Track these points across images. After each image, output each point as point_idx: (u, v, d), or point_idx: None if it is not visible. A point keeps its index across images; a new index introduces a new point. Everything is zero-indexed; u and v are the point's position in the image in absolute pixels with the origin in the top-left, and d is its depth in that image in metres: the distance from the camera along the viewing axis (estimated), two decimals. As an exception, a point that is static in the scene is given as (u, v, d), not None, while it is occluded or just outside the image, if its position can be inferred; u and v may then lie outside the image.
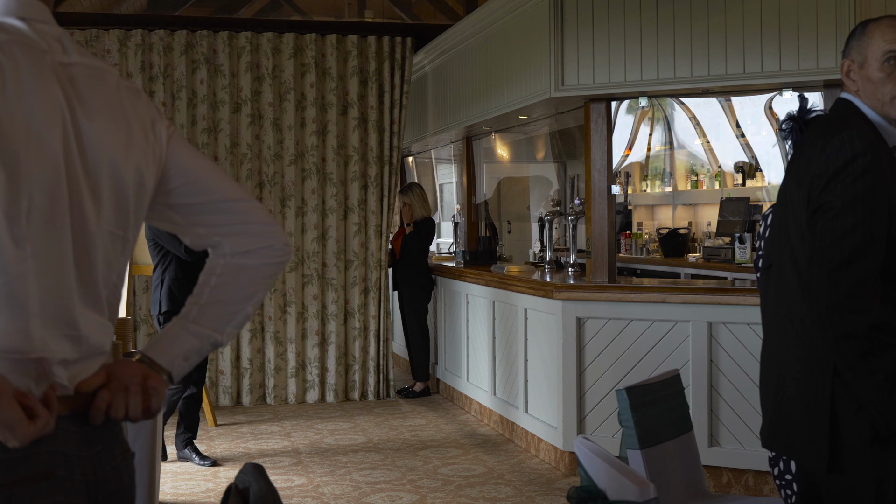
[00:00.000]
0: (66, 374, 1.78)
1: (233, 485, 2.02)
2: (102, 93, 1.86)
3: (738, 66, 6.12)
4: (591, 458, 2.70)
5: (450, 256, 10.57)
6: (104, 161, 1.82)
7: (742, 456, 6.10)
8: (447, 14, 14.38)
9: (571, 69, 6.55)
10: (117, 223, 1.88)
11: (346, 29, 9.75)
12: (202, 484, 6.52)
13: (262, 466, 2.02)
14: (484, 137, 9.74)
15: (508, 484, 6.42)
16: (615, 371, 6.47)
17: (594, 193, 6.74)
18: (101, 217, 1.83)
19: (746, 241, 8.69)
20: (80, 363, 1.81)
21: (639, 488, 2.39)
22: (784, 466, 4.09)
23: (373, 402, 9.25)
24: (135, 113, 1.93)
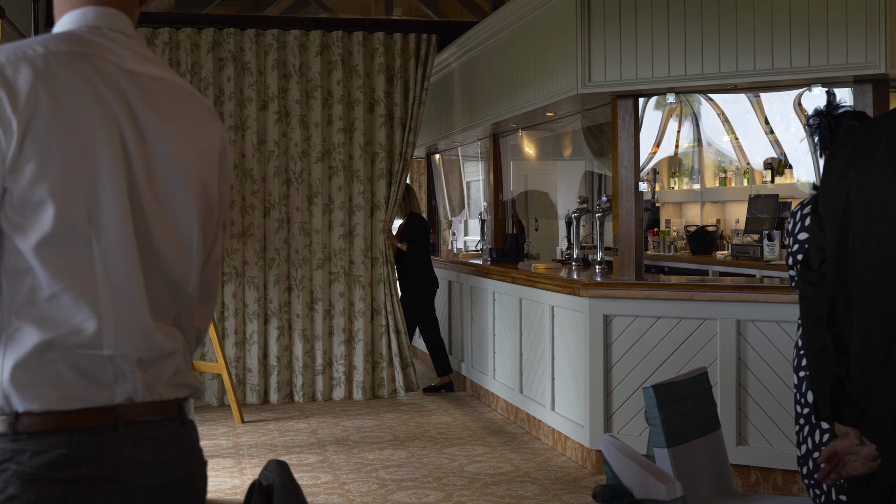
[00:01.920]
0: (143, 377, 1.82)
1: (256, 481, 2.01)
2: (174, 104, 1.91)
3: (766, 61, 6.07)
4: (617, 457, 2.68)
5: (476, 254, 10.55)
6: (171, 168, 1.86)
7: (770, 455, 6.05)
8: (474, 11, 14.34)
9: (598, 65, 6.52)
10: (183, 231, 1.92)
11: (372, 26, 9.74)
12: (228, 480, 6.53)
13: (285, 463, 2.02)
14: (511, 134, 9.70)
15: (535, 482, 6.40)
16: (642, 369, 6.44)
17: (621, 190, 6.70)
18: (164, 222, 1.87)
19: (775, 239, 8.62)
20: (155, 364, 1.85)
21: (665, 487, 2.37)
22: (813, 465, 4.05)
23: (399, 399, 9.24)
24: (205, 131, 1.98)
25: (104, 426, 1.74)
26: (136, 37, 1.93)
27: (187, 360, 1.95)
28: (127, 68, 1.83)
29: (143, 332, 1.81)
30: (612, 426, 6.54)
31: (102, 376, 1.75)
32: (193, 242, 1.91)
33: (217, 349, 8.30)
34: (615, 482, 2.67)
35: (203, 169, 1.93)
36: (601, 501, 2.61)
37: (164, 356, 1.86)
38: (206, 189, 1.94)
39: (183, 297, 1.92)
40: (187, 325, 1.97)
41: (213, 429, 8.03)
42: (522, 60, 7.77)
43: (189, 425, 1.91)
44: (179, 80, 1.96)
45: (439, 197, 12.50)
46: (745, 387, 6.13)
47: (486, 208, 10.39)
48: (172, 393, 1.87)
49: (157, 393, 1.83)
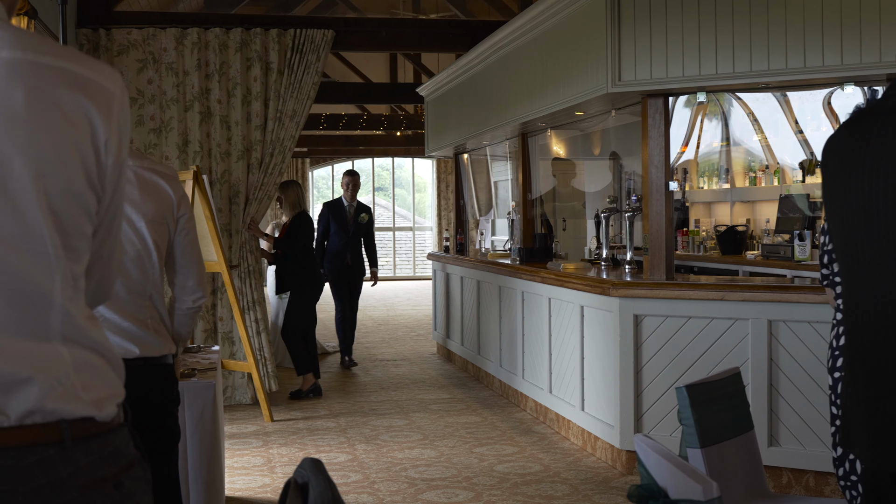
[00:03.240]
0: None
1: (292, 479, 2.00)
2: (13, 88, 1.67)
3: (798, 59, 6.02)
4: (651, 456, 2.66)
5: (504, 254, 10.52)
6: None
7: (803, 456, 6.01)
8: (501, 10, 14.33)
9: (629, 64, 6.48)
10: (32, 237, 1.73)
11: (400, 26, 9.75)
12: (258, 479, 6.55)
13: (320, 461, 2.01)
14: (539, 134, 9.68)
15: (564, 482, 6.38)
16: (673, 369, 6.41)
17: (651, 190, 6.67)
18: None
19: (806, 239, 8.56)
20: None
21: (701, 487, 2.35)
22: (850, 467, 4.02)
23: (427, 399, 9.23)
24: (55, 106, 1.72)
25: None
26: None
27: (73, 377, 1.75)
28: None
29: None
30: (642, 426, 6.51)
31: None
32: (48, 248, 1.70)
33: (246, 348, 8.32)
34: (650, 482, 2.65)
35: (48, 161, 1.69)
36: (636, 501, 2.60)
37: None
38: (49, 185, 1.70)
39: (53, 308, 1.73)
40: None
41: (242, 427, 8.05)
42: (551, 60, 7.75)
43: (76, 448, 1.72)
44: (29, 58, 1.70)
45: (467, 196, 12.49)
46: (777, 387, 6.09)
47: (514, 208, 10.37)
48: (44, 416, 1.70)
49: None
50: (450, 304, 11.38)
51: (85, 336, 1.77)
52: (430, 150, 12.51)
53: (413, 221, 27.10)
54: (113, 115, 1.79)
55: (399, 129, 19.93)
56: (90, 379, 1.76)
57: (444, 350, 11.85)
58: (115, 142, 1.80)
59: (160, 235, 3.51)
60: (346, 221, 11.30)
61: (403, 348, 12.85)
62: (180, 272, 3.64)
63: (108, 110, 1.78)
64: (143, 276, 3.47)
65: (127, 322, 3.42)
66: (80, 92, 1.74)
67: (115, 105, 1.80)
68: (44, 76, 1.70)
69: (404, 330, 15.09)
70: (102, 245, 1.90)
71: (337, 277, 11.31)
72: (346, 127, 18.89)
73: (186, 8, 13.87)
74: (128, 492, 1.80)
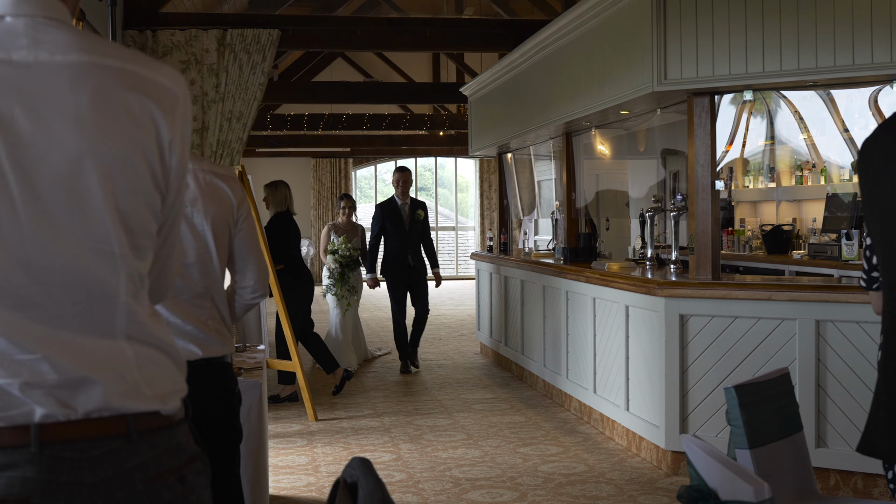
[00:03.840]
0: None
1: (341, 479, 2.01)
2: (69, 90, 1.69)
3: (846, 57, 5.96)
4: (701, 457, 2.64)
5: (548, 253, 10.50)
6: (58, 168, 1.68)
7: (851, 458, 5.94)
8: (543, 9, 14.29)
9: (674, 62, 6.44)
10: (94, 235, 1.76)
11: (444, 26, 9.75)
12: (303, 478, 6.57)
13: (369, 461, 2.01)
14: (584, 133, 9.64)
15: (609, 483, 6.35)
16: (719, 369, 6.36)
17: (698, 189, 6.62)
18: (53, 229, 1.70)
19: (854, 238, 8.47)
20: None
21: (753, 488, 2.33)
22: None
23: (471, 398, 9.23)
24: (122, 108, 1.74)
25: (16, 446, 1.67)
26: (47, 18, 1.72)
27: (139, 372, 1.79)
28: (6, 59, 1.66)
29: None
30: (687, 427, 6.47)
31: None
32: (114, 247, 1.74)
33: (291, 347, 8.35)
34: (699, 483, 2.63)
35: (115, 160, 1.72)
36: (686, 502, 2.58)
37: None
38: (117, 185, 1.73)
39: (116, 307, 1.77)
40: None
41: (287, 426, 8.09)
42: (596, 58, 7.71)
43: (142, 441, 1.76)
44: (93, 60, 1.72)
45: (510, 196, 12.47)
46: (825, 388, 6.03)
47: (558, 207, 10.34)
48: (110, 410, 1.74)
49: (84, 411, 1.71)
50: (493, 303, 11.36)
51: (148, 333, 1.81)
52: (474, 149, 12.50)
53: (456, 221, 27.11)
54: (177, 116, 1.82)
55: (442, 128, 19.94)
56: (153, 375, 1.80)
57: (487, 350, 11.84)
58: (179, 142, 1.83)
59: (221, 238, 3.52)
60: (402, 221, 10.88)
61: (447, 348, 12.85)
62: (240, 271, 3.67)
63: (172, 111, 1.81)
64: (204, 278, 3.49)
65: (189, 325, 3.44)
66: (145, 93, 1.77)
67: (179, 106, 1.83)
68: (109, 78, 1.73)
69: (447, 330, 15.08)
70: (164, 244, 1.93)
71: (397, 280, 10.89)
72: (389, 127, 18.93)
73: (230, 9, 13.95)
74: (190, 485, 1.84)
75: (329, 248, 10.86)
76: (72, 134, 1.68)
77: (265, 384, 5.37)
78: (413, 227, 10.88)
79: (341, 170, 24.99)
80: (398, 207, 10.93)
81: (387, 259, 10.91)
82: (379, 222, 10.94)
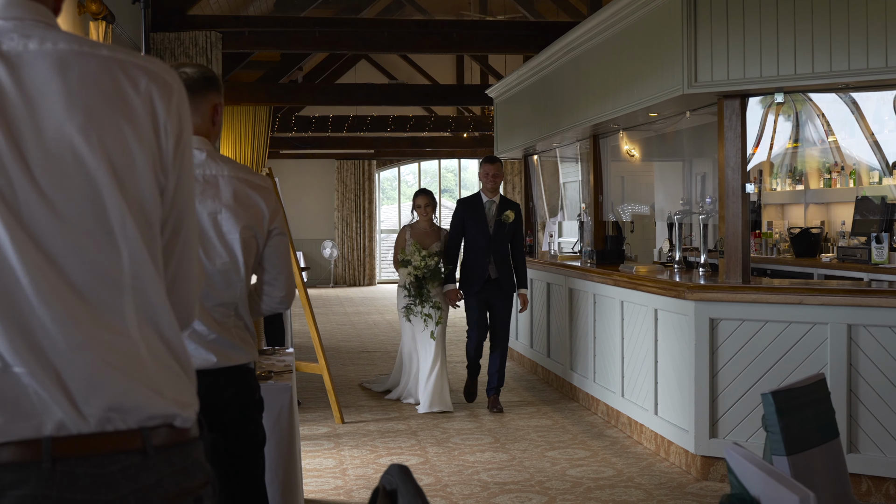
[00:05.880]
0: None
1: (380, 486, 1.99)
2: (54, 78, 1.68)
3: (879, 59, 5.90)
4: (743, 465, 2.61)
5: (573, 255, 10.46)
6: (59, 150, 1.67)
7: (883, 463, 5.90)
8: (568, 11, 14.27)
9: (705, 64, 6.40)
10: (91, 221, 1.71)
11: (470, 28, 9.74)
12: (331, 482, 6.56)
13: (407, 468, 1.99)
14: (612, 135, 9.61)
15: (638, 487, 6.32)
16: (750, 374, 6.32)
17: (728, 192, 6.58)
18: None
19: (884, 241, 8.40)
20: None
21: (798, 497, 2.30)
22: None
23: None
24: (117, 96, 1.74)
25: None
26: (35, 20, 1.73)
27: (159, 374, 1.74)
28: (2, 50, 1.67)
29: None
30: (717, 432, 6.43)
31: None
32: (114, 227, 1.69)
33: (318, 349, 8.35)
34: (741, 491, 2.61)
35: (110, 140, 1.71)
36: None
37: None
38: (115, 163, 1.71)
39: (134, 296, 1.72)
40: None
41: (313, 429, 8.08)
42: (625, 60, 7.68)
43: (158, 457, 1.70)
44: (82, 49, 1.73)
45: (536, 198, 12.44)
46: (857, 393, 5.98)
47: (584, 210, 10.30)
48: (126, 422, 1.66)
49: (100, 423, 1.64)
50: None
51: (161, 329, 1.76)
52: (499, 151, 12.48)
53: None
54: (172, 101, 1.81)
55: (466, 130, 19.93)
56: (168, 379, 1.74)
57: (512, 352, 11.80)
58: (175, 127, 1.80)
59: (249, 248, 3.46)
60: (486, 221, 8.91)
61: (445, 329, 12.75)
62: (269, 282, 3.61)
63: (168, 96, 1.80)
64: (229, 287, 3.41)
65: (213, 333, 3.38)
66: (139, 76, 1.78)
67: (174, 93, 1.82)
68: (99, 64, 1.74)
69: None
70: (173, 240, 1.87)
71: (475, 295, 8.91)
72: (413, 129, 18.93)
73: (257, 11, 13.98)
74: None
75: (401, 258, 8.98)
76: (65, 118, 1.67)
77: (295, 387, 5.36)
78: (499, 231, 8.89)
79: (365, 171, 25.01)
80: (483, 205, 8.97)
81: (464, 268, 9.04)
82: (458, 223, 9.03)
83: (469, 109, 22.38)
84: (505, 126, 12.15)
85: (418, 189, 9.37)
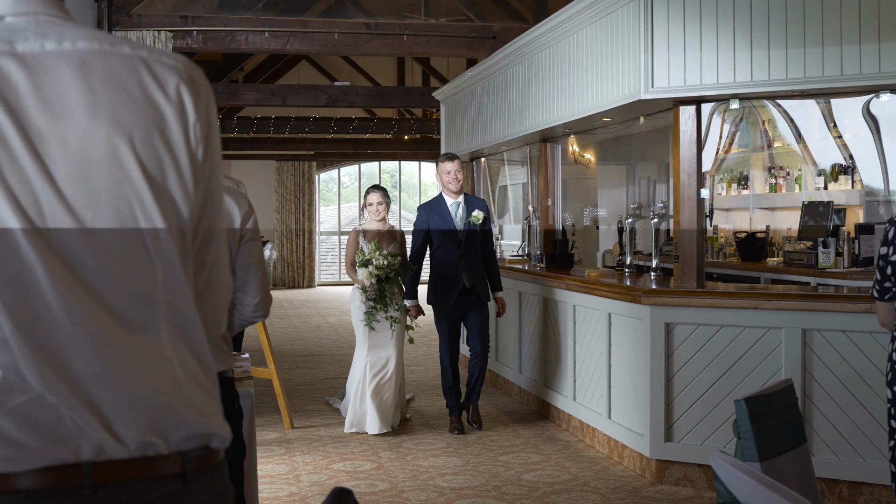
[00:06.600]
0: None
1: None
2: (74, 80, 1.57)
3: (835, 67, 5.97)
4: (731, 472, 2.61)
5: (520, 259, 10.44)
6: (84, 158, 1.56)
7: (836, 466, 5.97)
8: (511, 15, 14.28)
9: (661, 70, 6.42)
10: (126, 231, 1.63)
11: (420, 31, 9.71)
12: (285, 488, 6.49)
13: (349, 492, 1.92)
14: (561, 139, 9.62)
15: (594, 491, 6.32)
16: (705, 378, 6.35)
17: (683, 197, 6.61)
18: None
19: (831, 246, 8.51)
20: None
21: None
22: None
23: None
24: (131, 100, 1.62)
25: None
26: (49, 15, 1.62)
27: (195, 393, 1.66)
28: (17, 51, 1.55)
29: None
30: (672, 435, 6.46)
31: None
32: (146, 240, 1.60)
33: (268, 353, 8.27)
34: (730, 499, 2.60)
35: (140, 143, 1.61)
36: (719, 520, 2.55)
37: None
38: (147, 168, 1.61)
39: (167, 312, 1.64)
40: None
41: (263, 434, 7.98)
42: (579, 65, 7.68)
43: (196, 483, 1.63)
44: (102, 48, 1.62)
45: (483, 202, 12.42)
46: (811, 397, 6.05)
47: (532, 213, 10.31)
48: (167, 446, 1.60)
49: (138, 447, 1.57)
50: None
51: (194, 346, 1.68)
52: (446, 154, 12.44)
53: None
54: (201, 101, 1.69)
55: (409, 132, 19.89)
56: (202, 397, 1.67)
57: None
58: (204, 129, 1.69)
59: None
60: (454, 228, 8.02)
61: (417, 353, 12.72)
62: (241, 288, 3.56)
63: (197, 95, 1.69)
64: None
65: None
66: (165, 73, 1.66)
67: (202, 93, 1.71)
68: (121, 63, 1.62)
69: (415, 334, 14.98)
70: (204, 249, 1.77)
71: (448, 308, 8.06)
72: (356, 130, 18.86)
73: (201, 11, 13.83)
74: None
75: (359, 260, 8.02)
76: (87, 118, 1.56)
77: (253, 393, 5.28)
78: (470, 238, 8.02)
79: (305, 173, 24.86)
80: (447, 209, 8.08)
81: (434, 279, 8.14)
82: (423, 231, 8.11)
83: (410, 111, 22.35)
84: (452, 129, 12.12)
85: (371, 185, 8.54)
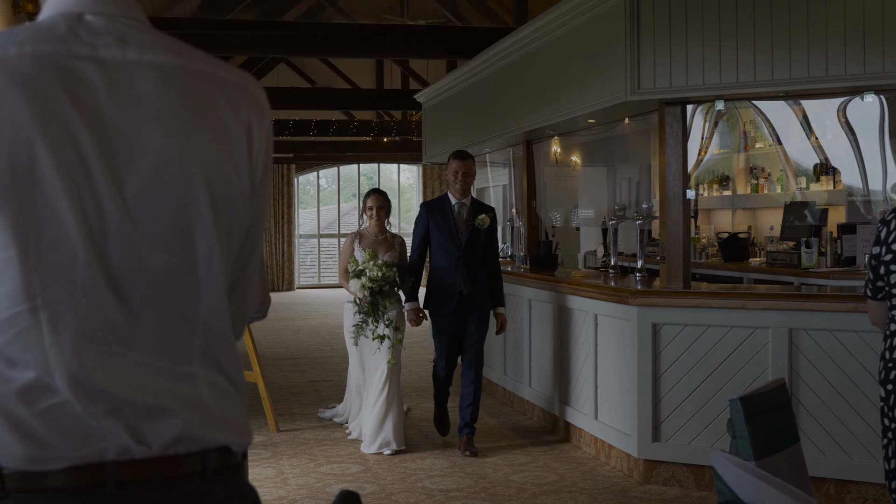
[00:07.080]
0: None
1: None
2: (164, 94, 1.57)
3: (820, 68, 6.00)
4: (733, 471, 2.61)
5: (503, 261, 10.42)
6: (149, 172, 1.54)
7: (823, 464, 6.00)
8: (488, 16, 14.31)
9: (647, 72, 6.45)
10: (172, 245, 1.62)
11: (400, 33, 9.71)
12: (273, 491, 6.47)
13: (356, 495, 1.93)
14: (545, 141, 9.64)
15: (583, 492, 6.33)
16: (692, 378, 6.37)
17: (669, 198, 6.64)
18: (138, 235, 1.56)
19: (814, 246, 8.56)
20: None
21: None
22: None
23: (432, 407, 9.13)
24: (216, 120, 1.64)
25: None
26: (128, 18, 1.61)
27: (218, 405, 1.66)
28: (96, 56, 1.53)
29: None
30: (660, 435, 6.48)
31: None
32: (199, 260, 1.61)
33: (252, 356, 8.24)
34: (732, 499, 2.61)
35: (210, 166, 1.60)
36: (723, 518, 2.55)
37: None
38: (214, 192, 1.61)
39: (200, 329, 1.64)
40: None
41: (249, 438, 7.94)
42: (565, 67, 7.69)
43: (216, 481, 1.64)
44: (182, 63, 1.61)
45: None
46: (798, 396, 6.08)
47: (515, 214, 10.31)
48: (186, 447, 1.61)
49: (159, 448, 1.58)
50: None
51: (222, 361, 1.68)
52: (427, 156, 12.45)
53: (399, 228, 27.02)
54: (264, 125, 1.71)
55: (389, 134, 19.89)
56: (227, 406, 1.68)
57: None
58: (264, 152, 1.71)
59: None
60: (455, 227, 7.50)
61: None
62: None
63: (262, 118, 1.71)
64: None
65: None
66: (237, 98, 1.67)
67: (266, 116, 1.73)
68: (199, 81, 1.63)
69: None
70: (244, 268, 1.79)
71: (444, 314, 7.49)
72: (336, 133, 18.84)
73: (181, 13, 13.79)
74: None
75: (352, 270, 7.53)
76: (163, 136, 1.55)
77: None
78: (472, 239, 7.46)
79: (284, 175, 24.81)
80: (451, 208, 7.56)
81: (432, 282, 7.59)
82: (422, 229, 7.64)
83: (390, 114, 22.34)
84: (434, 131, 12.13)
85: (370, 189, 8.18)
